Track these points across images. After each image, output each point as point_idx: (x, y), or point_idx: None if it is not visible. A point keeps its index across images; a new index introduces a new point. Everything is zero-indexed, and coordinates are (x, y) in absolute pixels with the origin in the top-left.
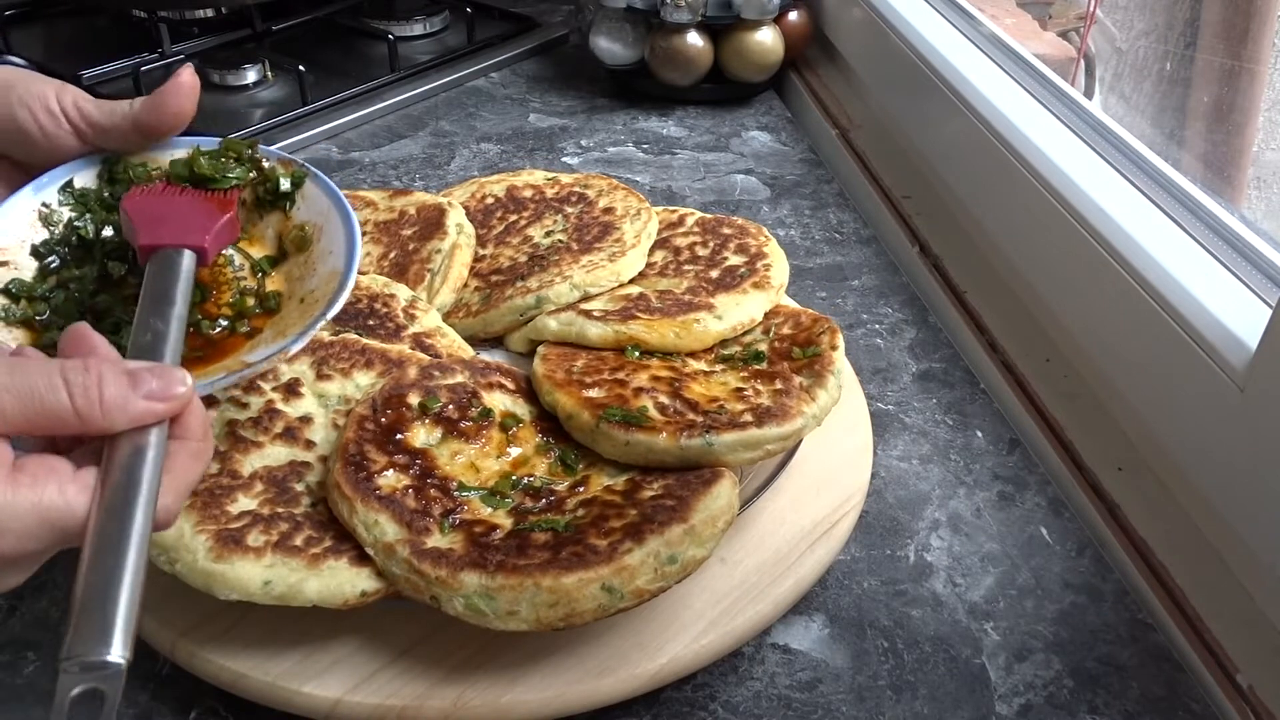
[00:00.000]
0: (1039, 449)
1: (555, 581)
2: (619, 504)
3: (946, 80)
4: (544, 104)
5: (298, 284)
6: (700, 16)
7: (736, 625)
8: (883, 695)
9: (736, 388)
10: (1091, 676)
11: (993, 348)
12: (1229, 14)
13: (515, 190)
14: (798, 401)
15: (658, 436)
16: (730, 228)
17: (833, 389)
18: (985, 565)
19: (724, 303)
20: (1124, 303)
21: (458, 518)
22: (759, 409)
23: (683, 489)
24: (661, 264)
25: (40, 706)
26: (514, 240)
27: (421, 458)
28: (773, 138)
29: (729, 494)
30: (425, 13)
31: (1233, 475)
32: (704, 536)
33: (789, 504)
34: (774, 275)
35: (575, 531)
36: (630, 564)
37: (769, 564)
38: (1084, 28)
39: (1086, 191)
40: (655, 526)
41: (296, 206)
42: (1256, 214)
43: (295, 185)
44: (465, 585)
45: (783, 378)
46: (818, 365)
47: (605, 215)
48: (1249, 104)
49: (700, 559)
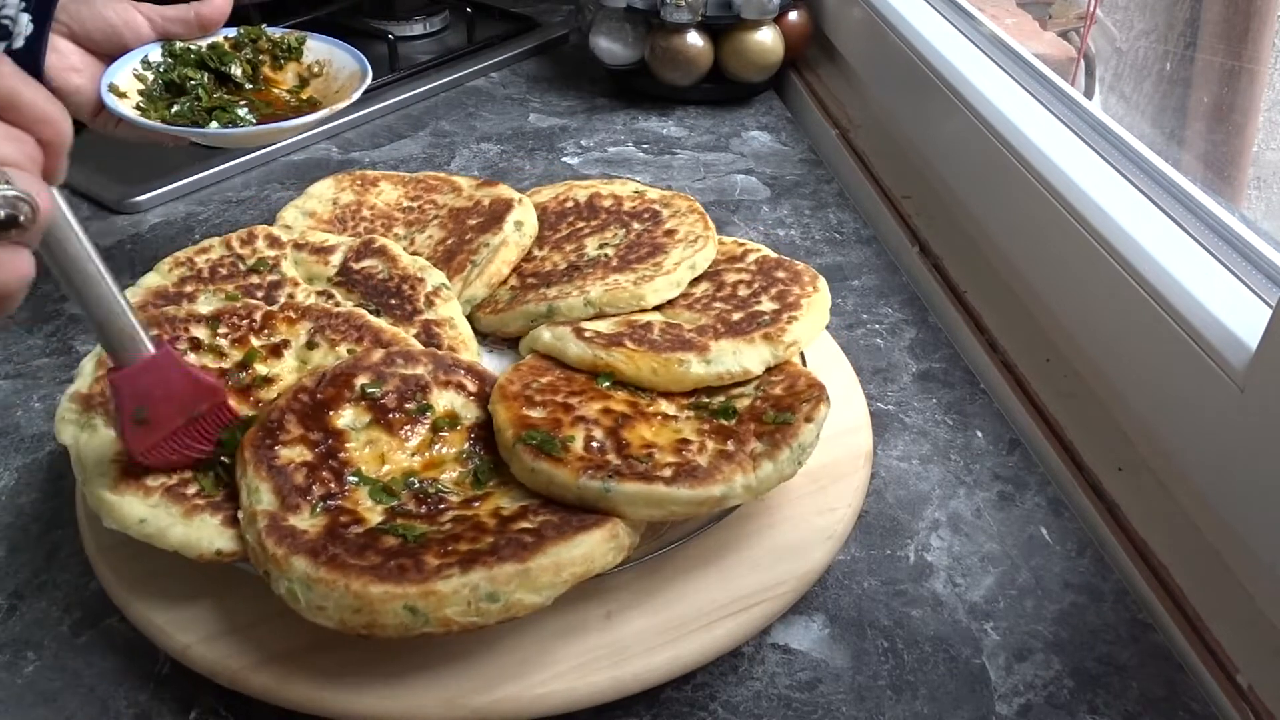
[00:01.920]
0: (1039, 449)
1: (363, 589)
2: (488, 528)
3: (946, 80)
4: (544, 104)
5: (326, 89)
6: (700, 16)
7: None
8: (883, 695)
9: (683, 439)
10: (1091, 676)
11: (993, 348)
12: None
13: (597, 198)
14: (734, 468)
15: (560, 470)
16: (786, 272)
17: (785, 463)
18: (985, 565)
19: (721, 348)
20: (1124, 303)
21: (333, 503)
22: (684, 466)
23: (552, 529)
24: (699, 296)
25: (41, 706)
26: (568, 247)
27: (334, 439)
28: (773, 138)
29: (593, 547)
30: (425, 13)
31: (1233, 475)
32: (540, 583)
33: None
34: (792, 331)
35: (421, 544)
36: (441, 590)
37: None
38: (1084, 28)
39: (1086, 191)
40: (489, 560)
41: (304, 55)
42: (1256, 214)
43: (299, 43)
44: (293, 569)
45: (738, 440)
46: (779, 435)
47: (663, 237)
48: (1249, 104)
49: (531, 605)
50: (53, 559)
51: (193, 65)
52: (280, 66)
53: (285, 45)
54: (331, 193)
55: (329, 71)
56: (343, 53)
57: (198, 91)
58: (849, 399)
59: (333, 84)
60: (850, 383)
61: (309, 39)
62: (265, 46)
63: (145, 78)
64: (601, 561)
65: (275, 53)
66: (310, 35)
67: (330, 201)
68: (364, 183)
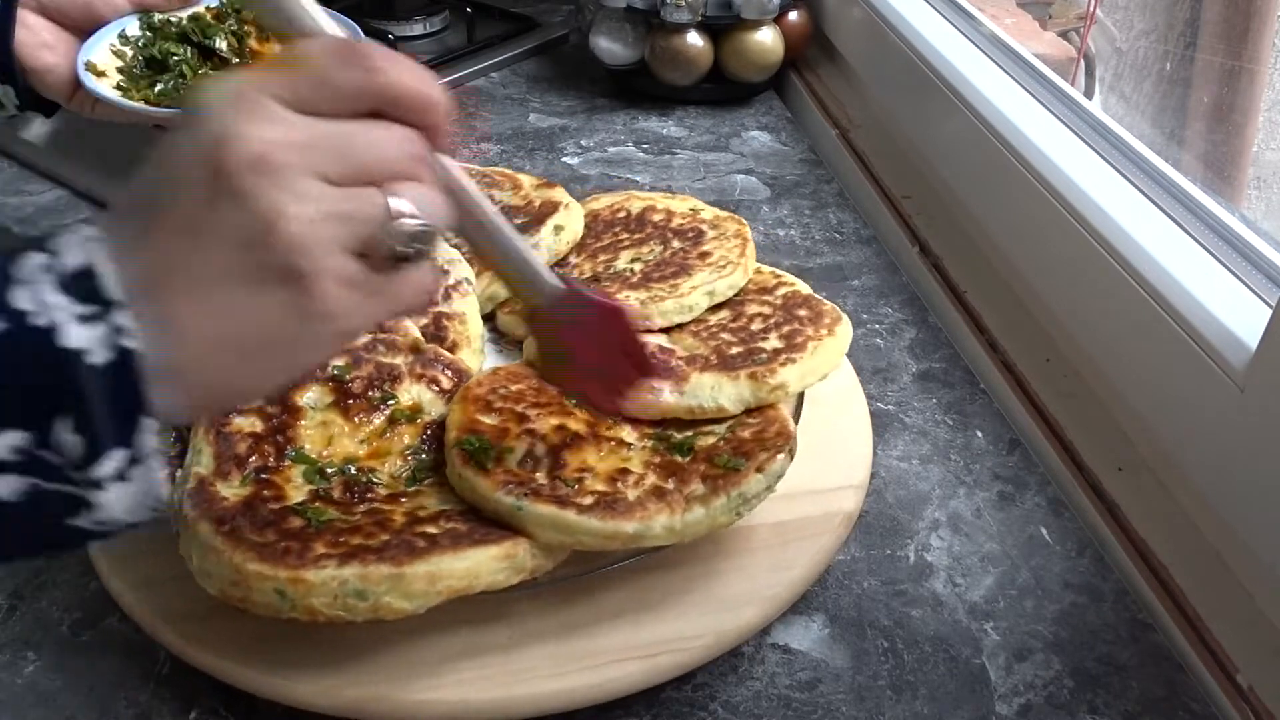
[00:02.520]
0: (1039, 449)
1: (243, 564)
2: (393, 526)
3: (946, 80)
4: (544, 104)
5: None
6: (700, 16)
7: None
8: (883, 695)
9: (625, 469)
10: (1091, 676)
11: (993, 348)
12: (1229, 14)
13: (650, 211)
14: (661, 508)
15: (482, 480)
16: (809, 311)
17: (719, 511)
18: (985, 565)
19: (700, 382)
20: (1124, 303)
21: (264, 476)
22: (608, 497)
23: (449, 539)
24: (713, 323)
25: (41, 706)
26: (602, 257)
27: (289, 414)
28: (773, 138)
29: (481, 564)
30: (425, 13)
31: (1233, 475)
32: (413, 591)
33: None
34: (782, 374)
35: (321, 530)
36: (309, 579)
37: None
38: (1084, 28)
39: (1086, 191)
40: (369, 558)
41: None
42: (1256, 214)
43: None
44: (197, 532)
45: (681, 479)
46: (722, 481)
47: (695, 259)
48: (1249, 104)
49: (400, 610)
50: (53, 559)
51: (174, 39)
52: (267, 38)
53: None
54: None
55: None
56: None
57: (181, 68)
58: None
59: None
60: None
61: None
62: (250, 17)
63: (124, 54)
64: (488, 579)
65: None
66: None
67: None
68: None
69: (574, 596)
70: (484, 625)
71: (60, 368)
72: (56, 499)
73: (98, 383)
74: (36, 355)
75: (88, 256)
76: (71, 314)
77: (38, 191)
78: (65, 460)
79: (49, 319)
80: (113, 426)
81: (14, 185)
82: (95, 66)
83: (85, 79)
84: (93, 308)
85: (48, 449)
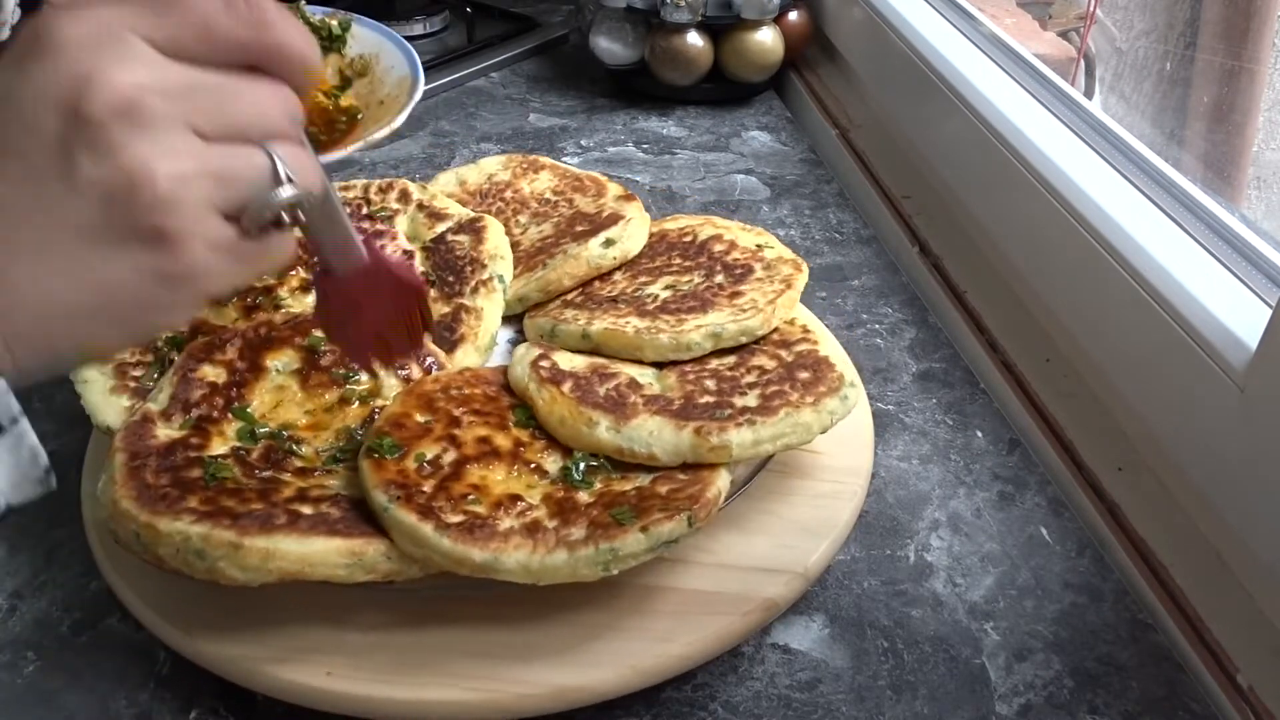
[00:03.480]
0: (1039, 449)
1: (119, 500)
2: (274, 498)
3: (946, 80)
4: (544, 104)
5: (370, 96)
6: (700, 16)
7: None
8: (883, 695)
9: (519, 495)
10: (1091, 676)
11: (993, 348)
12: (1229, 14)
13: (715, 240)
14: (523, 544)
15: (370, 474)
16: (810, 374)
17: (583, 563)
18: (985, 565)
19: (642, 424)
20: (1124, 303)
21: (203, 425)
22: (476, 521)
23: (309, 521)
24: (712, 367)
25: (41, 706)
26: (641, 279)
27: (252, 373)
28: (773, 138)
29: (321, 555)
30: (425, 13)
31: (1233, 475)
32: (247, 564)
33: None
34: (730, 436)
35: (208, 485)
36: (159, 528)
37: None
38: (1084, 28)
39: (1086, 191)
40: (222, 520)
41: (349, 46)
42: (1256, 214)
43: (343, 29)
44: (111, 459)
45: (568, 519)
46: (601, 532)
47: (725, 297)
48: (1249, 104)
49: (233, 578)
50: (53, 559)
51: None
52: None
53: (327, 32)
54: (494, 168)
55: (375, 71)
56: (393, 46)
57: None
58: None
59: (378, 88)
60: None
61: (355, 23)
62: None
63: None
64: (325, 571)
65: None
66: (356, 18)
67: (487, 176)
68: (527, 167)
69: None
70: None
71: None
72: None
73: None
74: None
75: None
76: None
77: None
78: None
79: None
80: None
81: None
82: None
83: None
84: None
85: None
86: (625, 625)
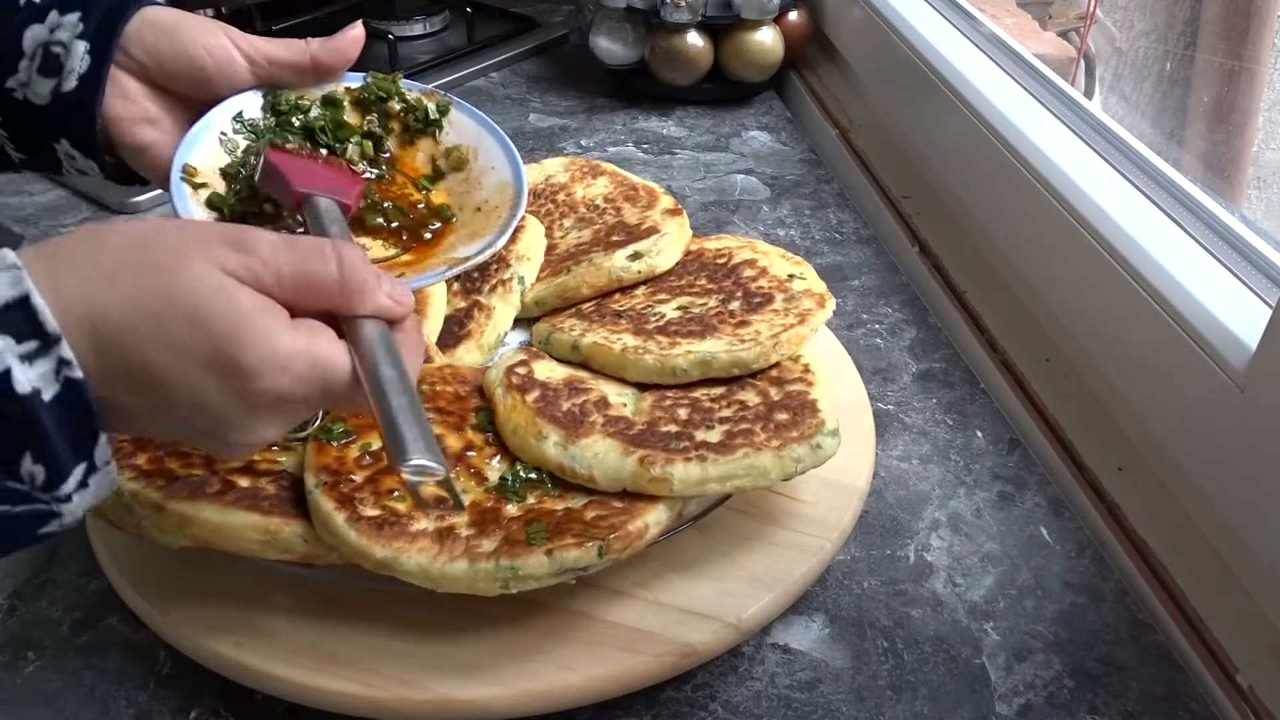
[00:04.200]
0: (1039, 449)
1: None
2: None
3: (946, 80)
4: (544, 104)
5: (465, 197)
6: (700, 16)
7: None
8: (883, 695)
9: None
10: (1091, 676)
11: (993, 348)
12: (1229, 14)
13: (747, 265)
14: (426, 549)
15: (311, 456)
16: (790, 415)
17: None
18: (985, 565)
19: (590, 445)
20: (1124, 303)
21: None
22: (390, 518)
23: (243, 494)
24: (693, 395)
25: (41, 706)
26: (659, 297)
27: None
28: (773, 138)
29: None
30: (425, 13)
31: (1233, 475)
32: (166, 526)
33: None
34: (674, 470)
35: (163, 447)
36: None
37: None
38: (1084, 28)
39: (1086, 191)
40: (156, 481)
41: (445, 132)
42: (1256, 214)
43: (441, 112)
44: None
45: (484, 530)
46: (506, 550)
47: (733, 326)
48: (1249, 104)
49: (155, 539)
50: (53, 559)
51: (297, 135)
52: (411, 141)
53: (423, 114)
54: (554, 170)
55: (472, 169)
56: (493, 141)
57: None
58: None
59: (474, 190)
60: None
61: (454, 106)
62: (397, 110)
63: (235, 145)
64: (238, 544)
65: (409, 120)
66: (455, 101)
67: (545, 177)
68: (587, 171)
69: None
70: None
71: (18, 411)
72: (26, 518)
73: (51, 415)
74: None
75: (18, 288)
76: (16, 354)
77: (39, 191)
78: (31, 487)
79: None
80: (70, 449)
81: (14, 185)
82: (193, 172)
83: (176, 194)
84: (33, 343)
85: (15, 480)
86: (537, 647)
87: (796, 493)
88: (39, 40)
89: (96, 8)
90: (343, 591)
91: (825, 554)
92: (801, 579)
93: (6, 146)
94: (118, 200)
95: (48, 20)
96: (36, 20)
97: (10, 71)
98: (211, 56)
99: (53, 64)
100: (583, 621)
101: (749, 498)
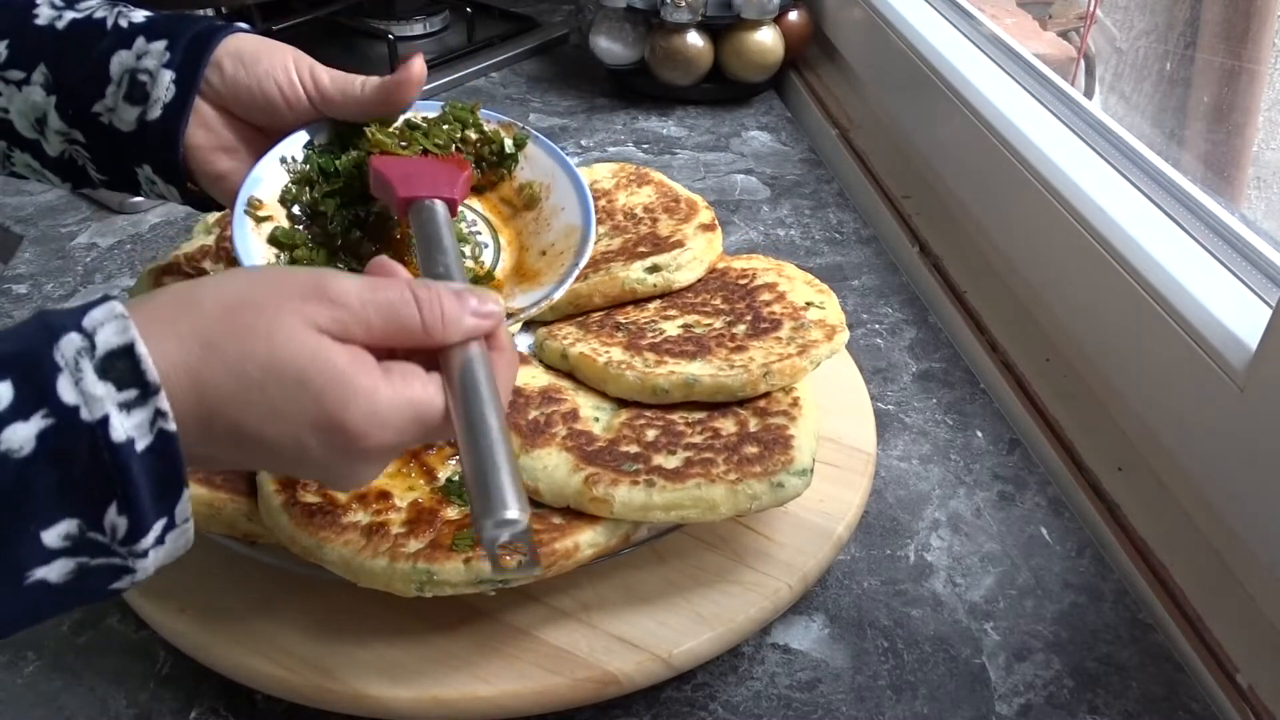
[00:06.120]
0: (1039, 449)
1: None
2: None
3: (946, 80)
4: (544, 104)
5: (532, 238)
6: (700, 16)
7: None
8: (883, 695)
9: (388, 492)
10: (1091, 676)
11: (993, 348)
12: (1229, 14)
13: (766, 289)
14: (350, 542)
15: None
16: (759, 448)
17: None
18: (985, 565)
19: (544, 458)
20: (1124, 303)
21: None
22: (325, 507)
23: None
24: (670, 418)
25: (41, 706)
26: (669, 313)
27: None
28: (773, 138)
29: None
30: (425, 13)
31: (1233, 475)
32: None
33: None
34: (615, 492)
35: None
36: None
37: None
38: (1084, 28)
39: (1086, 191)
40: None
41: (520, 167)
42: (1256, 214)
43: (518, 146)
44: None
45: (415, 530)
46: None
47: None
48: (1249, 104)
49: None
50: None
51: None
52: (482, 174)
53: (499, 147)
54: (601, 174)
55: (544, 207)
56: (566, 180)
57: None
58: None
59: (542, 232)
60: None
61: (530, 140)
62: (474, 140)
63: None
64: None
65: (484, 153)
66: (533, 135)
67: (589, 183)
68: (633, 179)
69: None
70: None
71: (112, 460)
72: (102, 571)
73: (141, 466)
74: (92, 451)
75: (124, 336)
76: (115, 403)
77: (38, 191)
78: (112, 539)
79: (98, 412)
80: (155, 502)
81: (14, 185)
82: (258, 205)
83: (237, 230)
84: (132, 392)
85: (97, 531)
86: (464, 656)
87: (769, 530)
88: (126, 67)
89: (182, 36)
90: (289, 575)
91: (780, 599)
92: (748, 622)
93: (89, 168)
94: (118, 201)
95: (134, 47)
96: (124, 46)
97: (98, 97)
98: (284, 95)
99: (139, 92)
100: (515, 636)
101: (717, 529)
